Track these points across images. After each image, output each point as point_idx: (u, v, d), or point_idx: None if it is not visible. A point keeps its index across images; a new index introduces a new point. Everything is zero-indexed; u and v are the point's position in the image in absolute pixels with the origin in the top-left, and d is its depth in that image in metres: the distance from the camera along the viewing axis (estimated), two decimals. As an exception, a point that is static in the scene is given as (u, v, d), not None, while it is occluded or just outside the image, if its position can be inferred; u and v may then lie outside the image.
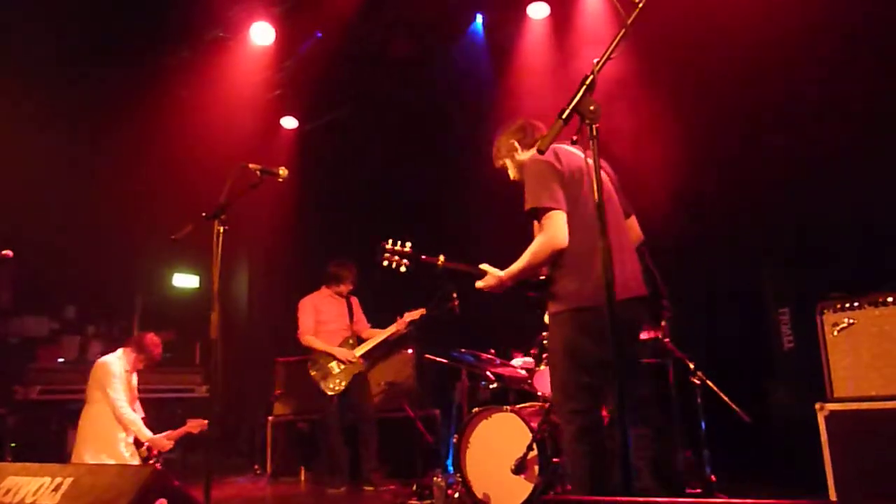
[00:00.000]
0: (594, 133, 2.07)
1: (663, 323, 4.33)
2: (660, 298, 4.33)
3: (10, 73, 5.84)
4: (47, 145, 6.34)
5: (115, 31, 6.20)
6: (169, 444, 4.73)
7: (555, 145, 2.82)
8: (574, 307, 2.74)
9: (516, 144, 3.13)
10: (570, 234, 2.73)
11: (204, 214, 3.35)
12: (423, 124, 6.63)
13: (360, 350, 5.48)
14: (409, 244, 3.23)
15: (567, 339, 2.75)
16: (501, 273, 2.90)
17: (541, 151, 2.08)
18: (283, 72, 6.89)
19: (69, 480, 2.29)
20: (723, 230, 4.89)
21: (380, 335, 5.51)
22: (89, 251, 6.84)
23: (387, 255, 3.21)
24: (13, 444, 5.67)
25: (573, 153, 2.86)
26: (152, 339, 4.97)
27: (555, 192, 2.75)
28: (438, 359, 5.12)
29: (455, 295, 4.55)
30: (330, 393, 5.29)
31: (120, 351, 4.88)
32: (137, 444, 4.73)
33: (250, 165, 3.50)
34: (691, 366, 4.21)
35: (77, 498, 2.19)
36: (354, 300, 5.79)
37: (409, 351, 6.02)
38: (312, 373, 5.39)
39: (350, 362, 5.39)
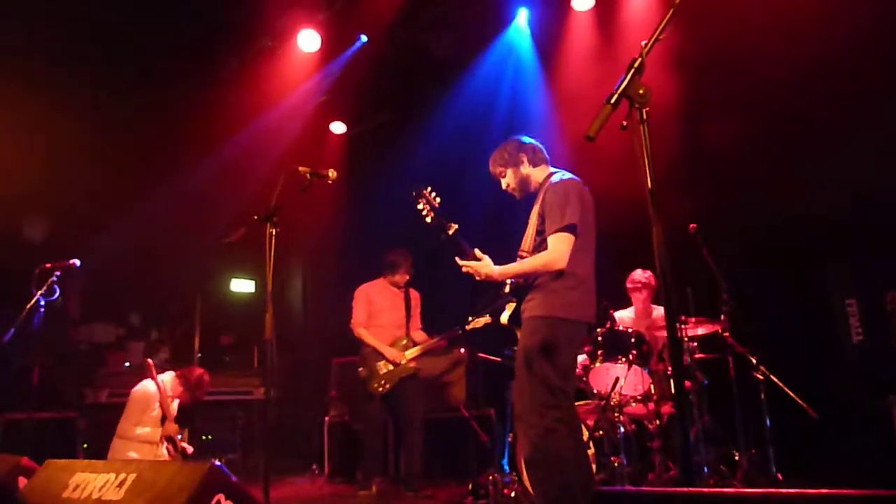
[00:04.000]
0: (644, 117, 2.00)
1: (722, 317, 4.20)
2: (719, 291, 4.23)
3: (70, 91, 6.08)
4: (108, 158, 6.59)
5: (170, 47, 6.38)
6: (175, 427, 4.76)
7: (575, 178, 3.18)
8: (567, 317, 3.00)
9: (525, 158, 3.31)
10: (577, 254, 3.01)
11: (256, 217, 3.41)
12: (469, 124, 6.60)
13: (411, 354, 5.24)
14: (438, 199, 3.41)
15: (554, 342, 2.94)
16: (495, 269, 3.12)
17: (590, 138, 2.02)
18: (329, 78, 6.97)
19: (132, 476, 2.35)
20: (784, 218, 4.69)
21: (430, 343, 5.28)
22: (151, 260, 7.06)
23: (422, 199, 3.41)
24: (85, 446, 5.88)
25: (584, 187, 3.20)
26: (200, 377, 4.94)
27: (577, 215, 3.03)
28: (491, 357, 5.08)
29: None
30: (373, 393, 5.14)
31: (170, 375, 4.94)
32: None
33: (300, 168, 3.55)
34: (754, 361, 4.06)
35: (140, 493, 2.25)
36: (415, 295, 5.54)
37: (462, 350, 5.98)
38: (360, 369, 5.27)
39: (398, 364, 5.18)
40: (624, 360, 4.09)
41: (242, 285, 8.51)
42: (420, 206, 3.39)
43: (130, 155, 6.76)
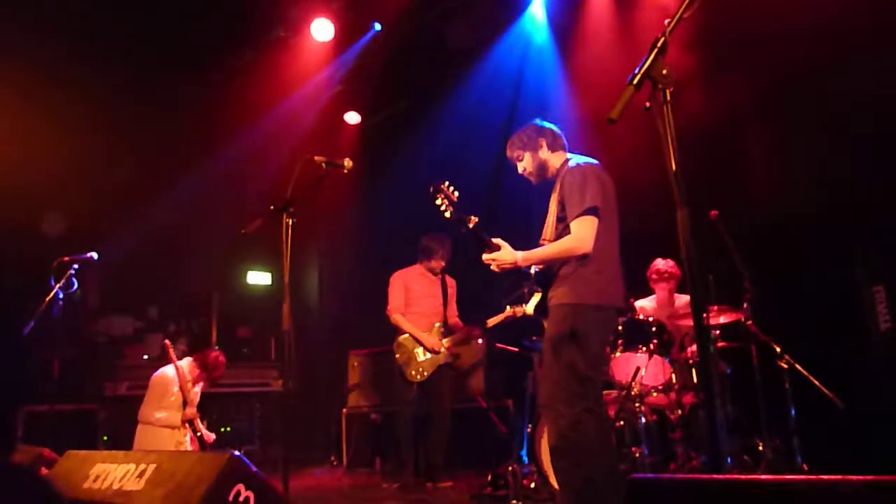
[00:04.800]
0: (667, 98, 1.96)
1: (745, 304, 4.14)
2: (741, 279, 4.16)
3: (86, 84, 6.10)
4: (125, 151, 6.62)
5: (183, 39, 6.39)
6: (194, 411, 4.83)
7: (594, 162, 3.15)
8: (596, 303, 2.98)
9: (544, 143, 3.27)
10: (601, 238, 2.97)
11: (272, 207, 3.41)
12: (485, 112, 6.55)
13: (449, 341, 5.19)
14: (457, 193, 3.34)
15: (583, 330, 2.91)
16: (518, 254, 3.06)
17: (612, 120, 1.98)
18: (343, 67, 6.96)
19: (152, 467, 2.36)
20: (809, 202, 4.59)
21: (467, 331, 5.25)
22: (168, 253, 7.10)
23: (440, 194, 3.33)
24: (105, 438, 5.95)
25: (605, 171, 3.17)
26: (216, 358, 4.99)
27: (599, 198, 2.98)
28: (510, 348, 5.05)
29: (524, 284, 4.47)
30: (410, 380, 5.07)
31: (188, 360, 5.01)
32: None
33: (315, 158, 3.54)
34: (778, 349, 4.00)
35: (160, 483, 2.25)
36: (451, 281, 5.46)
37: (480, 340, 5.95)
38: (396, 355, 5.15)
39: (436, 352, 5.13)
40: (645, 349, 4.05)
41: (259, 278, 8.55)
42: (438, 202, 3.32)
43: (146, 148, 6.79)
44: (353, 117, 7.78)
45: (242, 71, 6.85)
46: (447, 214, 3.30)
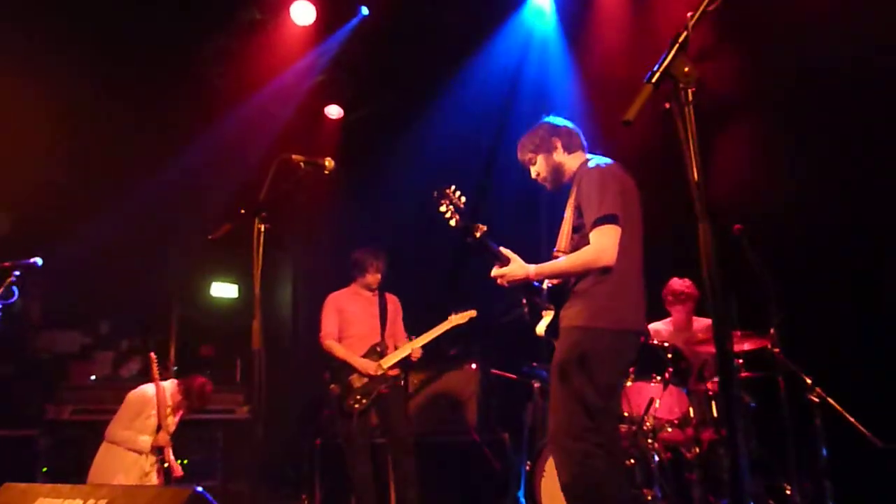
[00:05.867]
0: (689, 99, 1.98)
1: (772, 330, 4.16)
2: (767, 301, 4.19)
3: (35, 74, 6.08)
4: (75, 147, 6.59)
5: (143, 22, 6.37)
6: (166, 439, 4.83)
7: (613, 163, 3.13)
8: (611, 327, 2.96)
9: (559, 143, 3.27)
10: (622, 252, 2.93)
11: (243, 211, 3.40)
12: (484, 107, 6.59)
13: (389, 361, 5.13)
14: (464, 199, 3.30)
15: (595, 356, 2.90)
16: (530, 268, 3.05)
17: (627, 122, 2.00)
18: (325, 55, 6.98)
19: (103, 503, 2.34)
20: (843, 216, 4.64)
21: (414, 342, 5.19)
22: (122, 260, 7.05)
23: (445, 200, 3.30)
24: (45, 469, 5.88)
25: (626, 173, 3.15)
26: (202, 386, 5.04)
27: (618, 205, 2.97)
28: (507, 374, 5.06)
29: (525, 301, 4.49)
30: (349, 412, 5.04)
31: (172, 382, 5.04)
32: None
33: (293, 157, 3.54)
34: (808, 381, 4.02)
35: (111, 522, 2.24)
36: (393, 299, 5.47)
37: (474, 366, 5.96)
38: (332, 386, 5.17)
39: (371, 376, 5.07)
40: (659, 378, 4.07)
41: (224, 290, 8.50)
42: (443, 209, 3.29)
43: (101, 144, 6.75)
44: (334, 111, 7.80)
45: (211, 58, 6.86)
46: (452, 223, 3.28)
